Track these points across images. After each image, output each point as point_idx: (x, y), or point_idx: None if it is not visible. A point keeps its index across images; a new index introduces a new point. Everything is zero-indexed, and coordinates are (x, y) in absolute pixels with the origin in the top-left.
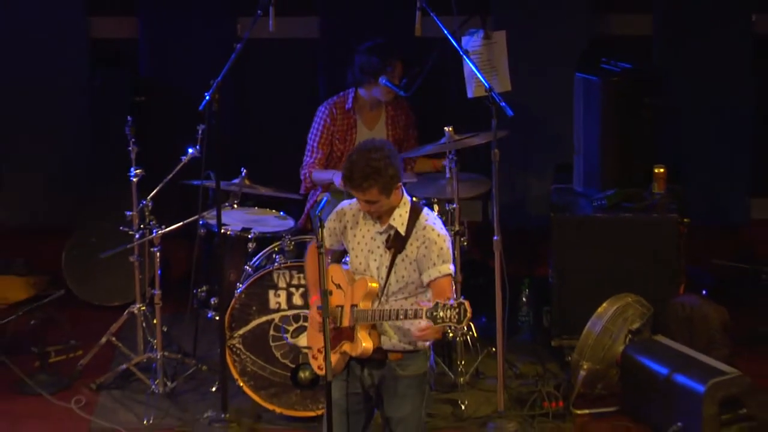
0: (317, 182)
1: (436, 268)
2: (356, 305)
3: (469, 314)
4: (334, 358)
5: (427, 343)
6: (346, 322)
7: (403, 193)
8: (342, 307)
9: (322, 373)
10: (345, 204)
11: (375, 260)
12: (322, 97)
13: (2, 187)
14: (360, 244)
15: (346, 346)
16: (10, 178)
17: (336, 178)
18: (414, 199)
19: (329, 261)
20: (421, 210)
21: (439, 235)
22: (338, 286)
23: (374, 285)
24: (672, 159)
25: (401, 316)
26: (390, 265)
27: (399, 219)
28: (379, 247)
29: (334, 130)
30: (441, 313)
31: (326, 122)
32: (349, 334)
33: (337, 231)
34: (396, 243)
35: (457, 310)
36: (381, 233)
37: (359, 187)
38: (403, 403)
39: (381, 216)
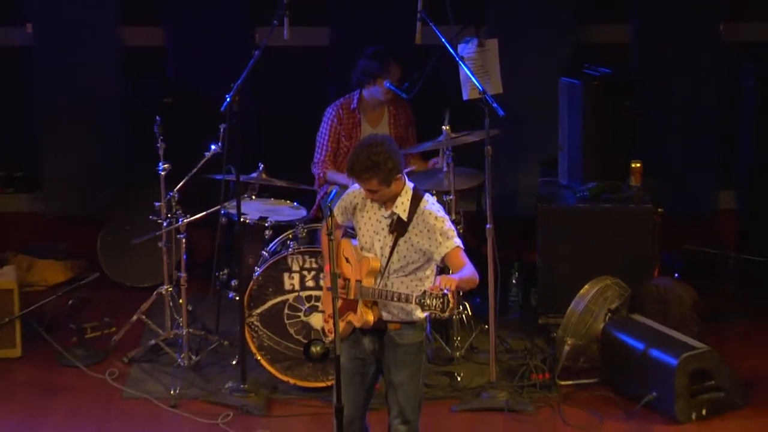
0: (331, 182)
1: (444, 246)
2: (360, 281)
3: (451, 305)
4: (341, 325)
5: (424, 315)
6: (351, 295)
7: (405, 182)
8: (349, 280)
9: (330, 335)
10: (357, 187)
11: (379, 241)
12: (330, 99)
13: (45, 181)
14: (366, 225)
15: (351, 317)
16: (51, 173)
17: (350, 182)
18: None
19: (341, 235)
20: (421, 197)
21: (437, 218)
22: (347, 260)
23: (377, 264)
24: (647, 155)
25: (395, 299)
26: (392, 246)
27: (401, 206)
28: (383, 230)
29: (341, 129)
30: (428, 301)
31: (333, 122)
32: (354, 306)
33: (348, 210)
34: (398, 227)
35: (441, 300)
36: (386, 218)
37: (360, 178)
38: (402, 369)
39: (386, 202)
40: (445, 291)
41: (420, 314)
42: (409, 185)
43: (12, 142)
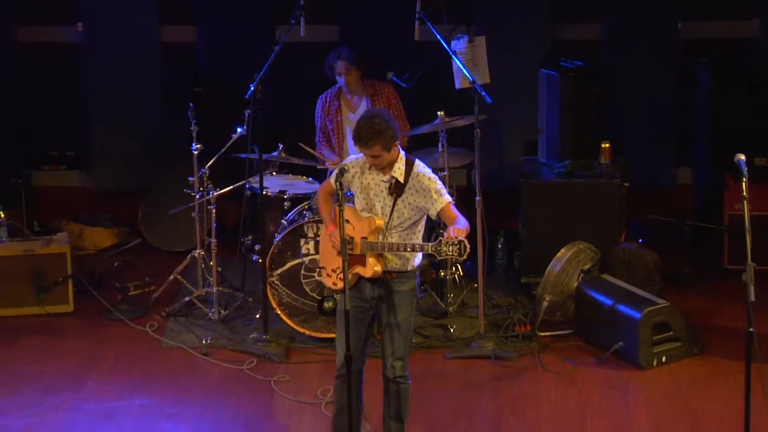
0: (325, 158)
1: (438, 202)
2: (365, 238)
3: (468, 249)
4: (348, 277)
5: (416, 264)
6: (357, 251)
7: (399, 150)
8: (353, 238)
9: (334, 288)
10: (351, 159)
11: (380, 202)
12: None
13: (94, 159)
14: (366, 189)
15: (358, 269)
16: (99, 153)
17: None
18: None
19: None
20: (413, 161)
21: (429, 179)
22: (347, 221)
23: (380, 222)
24: (615, 136)
25: (409, 249)
26: (392, 206)
27: (398, 171)
28: (383, 191)
29: (324, 114)
30: (444, 249)
31: (319, 109)
32: (361, 260)
33: (347, 179)
34: (397, 189)
35: (458, 246)
36: (385, 182)
37: (366, 145)
38: (399, 311)
39: (384, 168)
40: (461, 238)
41: (415, 263)
42: (402, 153)
43: (65, 125)
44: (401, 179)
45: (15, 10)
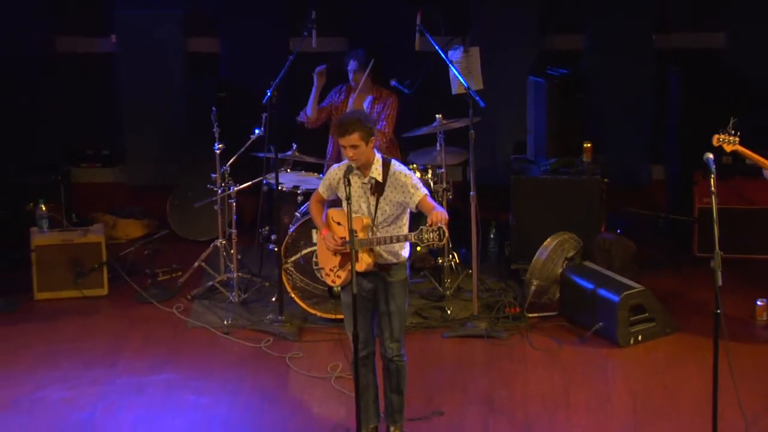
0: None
1: (416, 196)
2: (356, 234)
3: (446, 235)
4: (343, 274)
5: (406, 256)
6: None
7: (375, 152)
8: (344, 237)
9: (334, 284)
10: (334, 167)
11: (365, 202)
12: None
13: (126, 158)
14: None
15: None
16: (131, 152)
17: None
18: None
19: (327, 206)
20: (390, 161)
21: (405, 176)
22: (339, 224)
23: (367, 221)
24: (596, 137)
25: (394, 241)
26: (376, 204)
27: (376, 171)
28: (366, 193)
29: (333, 99)
30: (425, 236)
31: (332, 93)
32: (354, 256)
33: (333, 185)
34: (377, 189)
35: (437, 232)
36: (365, 183)
37: (345, 132)
38: (393, 300)
39: (362, 170)
40: (440, 225)
41: (404, 255)
42: (378, 155)
43: (101, 127)
44: (380, 179)
45: (54, 23)
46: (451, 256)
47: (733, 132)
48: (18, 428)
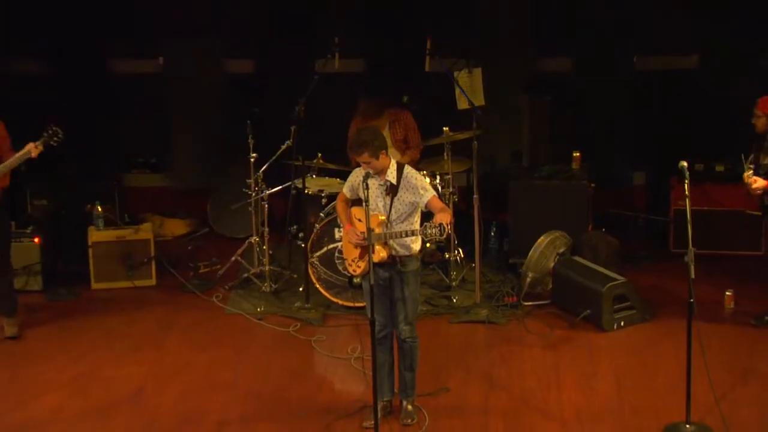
0: None
1: (425, 197)
2: (373, 230)
3: (447, 231)
4: (363, 264)
5: (417, 249)
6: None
7: (389, 157)
8: (363, 232)
9: (355, 273)
10: (357, 169)
11: (381, 201)
12: None
13: (172, 165)
14: (371, 193)
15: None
16: (176, 159)
17: None
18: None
19: (350, 204)
20: (403, 166)
21: (416, 178)
22: (359, 220)
23: (383, 218)
24: (584, 147)
25: (404, 235)
26: (390, 203)
27: (391, 175)
28: (382, 193)
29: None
30: (428, 231)
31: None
32: (372, 249)
33: (354, 187)
34: (392, 190)
35: (438, 229)
36: (382, 185)
37: (356, 152)
38: (407, 287)
39: (379, 174)
40: (441, 222)
41: (416, 248)
42: (393, 161)
43: (150, 138)
44: (394, 182)
45: (108, 47)
46: (456, 251)
47: (751, 166)
48: (78, 402)
